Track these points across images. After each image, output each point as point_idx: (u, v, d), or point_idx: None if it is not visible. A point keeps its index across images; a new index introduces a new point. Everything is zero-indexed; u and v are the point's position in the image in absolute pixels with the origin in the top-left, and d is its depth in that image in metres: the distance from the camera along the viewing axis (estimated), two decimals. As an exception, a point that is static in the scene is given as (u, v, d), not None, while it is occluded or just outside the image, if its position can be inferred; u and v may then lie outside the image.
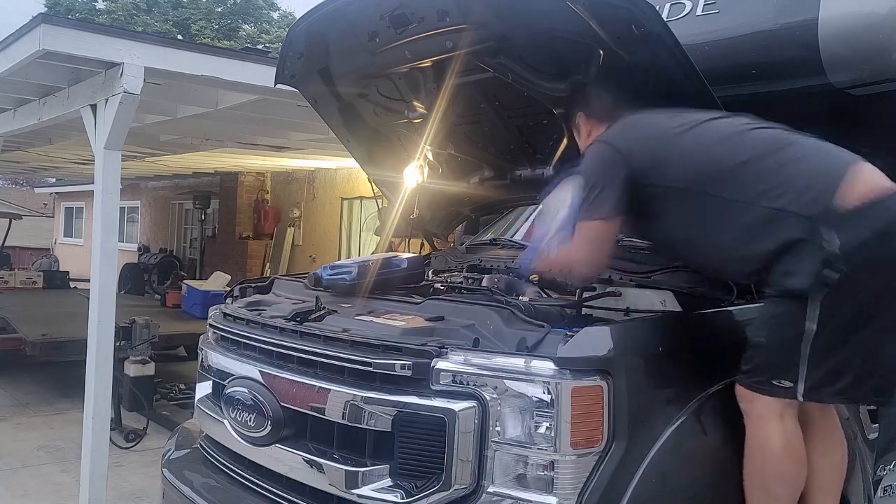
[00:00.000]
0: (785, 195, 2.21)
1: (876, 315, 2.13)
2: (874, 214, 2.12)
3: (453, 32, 2.88)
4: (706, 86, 2.58)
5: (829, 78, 2.80)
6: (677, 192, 2.38)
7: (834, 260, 2.08)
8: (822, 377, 2.14)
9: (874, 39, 2.67)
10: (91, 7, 29.96)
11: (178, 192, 17.18)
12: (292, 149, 9.35)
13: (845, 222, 2.11)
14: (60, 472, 5.53)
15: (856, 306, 2.11)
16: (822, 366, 2.13)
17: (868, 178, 2.20)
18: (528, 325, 2.21)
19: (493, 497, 2.13)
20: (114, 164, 4.63)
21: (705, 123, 2.44)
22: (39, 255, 19.01)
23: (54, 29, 4.48)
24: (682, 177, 2.37)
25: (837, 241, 2.08)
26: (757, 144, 2.35)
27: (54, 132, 8.22)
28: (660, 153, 2.42)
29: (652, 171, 2.39)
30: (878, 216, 2.12)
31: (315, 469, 2.41)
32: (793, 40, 2.81)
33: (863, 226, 2.10)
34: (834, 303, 2.10)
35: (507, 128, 3.46)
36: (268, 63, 5.07)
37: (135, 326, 6.54)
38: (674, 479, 2.19)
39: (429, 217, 4.10)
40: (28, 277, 11.77)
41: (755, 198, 2.25)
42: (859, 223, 2.11)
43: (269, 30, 29.93)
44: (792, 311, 2.15)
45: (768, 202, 2.23)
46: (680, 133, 2.43)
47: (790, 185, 2.22)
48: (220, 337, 3.03)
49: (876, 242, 2.09)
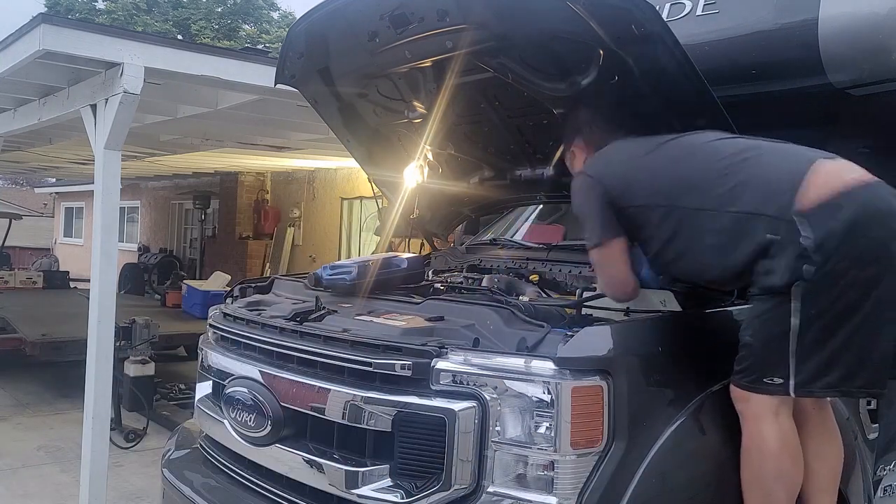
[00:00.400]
0: (752, 198, 2.24)
1: (862, 307, 2.13)
2: (844, 206, 2.13)
3: (453, 32, 2.88)
4: (706, 86, 2.58)
5: (829, 78, 2.79)
6: (651, 211, 2.42)
7: (809, 254, 2.10)
8: (811, 371, 2.15)
9: (874, 39, 2.66)
10: (91, 7, 29.97)
11: (178, 192, 17.18)
12: (292, 149, 9.35)
13: (815, 217, 2.13)
14: (60, 472, 5.53)
15: (840, 299, 2.12)
16: (811, 360, 2.14)
17: (834, 171, 2.23)
18: (528, 325, 2.22)
19: (493, 497, 2.13)
20: (114, 164, 4.63)
21: (671, 141, 2.50)
22: (39, 255, 19.00)
23: (54, 29, 4.48)
24: (652, 194, 2.42)
25: (811, 236, 2.11)
26: (719, 153, 2.39)
27: (54, 132, 8.22)
28: (628, 176, 2.49)
29: (625, 193, 2.46)
30: (848, 207, 2.13)
31: (315, 469, 2.41)
32: (793, 40, 2.81)
33: (834, 217, 2.12)
34: (816, 297, 2.12)
35: (507, 128, 3.46)
36: (268, 63, 5.07)
37: (135, 326, 6.54)
38: (674, 479, 2.19)
39: (429, 217, 4.10)
40: (28, 277, 11.77)
41: (723, 204, 2.28)
42: (830, 215, 2.12)
43: (269, 30, 29.94)
44: (776, 308, 2.17)
45: (737, 207, 2.26)
46: (645, 154, 2.51)
47: (756, 187, 2.25)
48: (220, 337, 3.03)
49: (849, 233, 2.11)
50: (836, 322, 2.14)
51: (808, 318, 2.12)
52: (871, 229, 2.13)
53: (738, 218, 2.25)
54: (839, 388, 2.21)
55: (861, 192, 2.17)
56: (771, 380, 2.17)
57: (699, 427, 2.26)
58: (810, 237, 2.10)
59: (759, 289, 2.21)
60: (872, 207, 2.15)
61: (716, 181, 2.32)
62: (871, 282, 2.13)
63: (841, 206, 2.13)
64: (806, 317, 2.12)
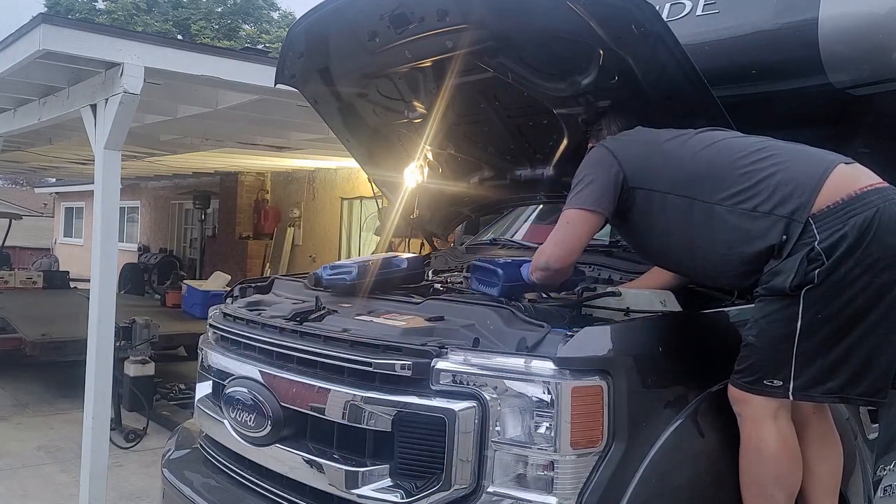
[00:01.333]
0: (768, 198, 2.23)
1: (871, 314, 2.12)
2: (853, 210, 2.13)
3: (453, 32, 2.88)
4: (706, 86, 2.58)
5: (829, 78, 2.79)
6: (666, 198, 2.41)
7: (821, 257, 2.09)
8: (812, 376, 2.14)
9: (874, 39, 2.66)
10: (91, 7, 29.98)
11: (178, 192, 17.18)
12: (292, 149, 9.35)
13: (829, 220, 2.12)
14: (60, 472, 5.53)
15: (849, 305, 2.11)
16: (813, 365, 2.14)
17: (849, 175, 2.22)
18: (528, 325, 2.21)
19: (493, 497, 2.13)
20: (114, 164, 4.63)
21: (695, 135, 2.48)
22: (39, 255, 18.99)
23: (54, 29, 4.48)
24: (669, 182, 2.41)
25: (824, 239, 2.10)
26: (741, 150, 2.37)
27: (54, 132, 8.22)
28: (647, 159, 2.48)
29: (639, 174, 2.44)
30: (857, 211, 2.12)
31: (315, 469, 2.41)
32: (793, 40, 2.81)
33: (842, 221, 2.12)
34: (822, 301, 2.11)
35: (507, 128, 3.46)
36: (268, 63, 5.07)
37: (135, 326, 6.54)
38: (673, 480, 2.19)
39: (429, 217, 4.10)
40: (28, 277, 11.76)
41: (739, 202, 2.27)
42: (838, 219, 2.12)
43: (269, 30, 29.93)
44: (783, 310, 2.16)
45: (752, 205, 2.25)
46: (665, 141, 2.49)
47: (772, 187, 2.24)
48: (220, 337, 3.03)
49: (862, 239, 2.10)
50: (842, 328, 2.13)
51: (815, 322, 2.11)
52: (886, 235, 2.12)
53: (754, 216, 2.24)
54: (840, 394, 2.20)
55: (875, 197, 2.15)
56: (771, 382, 2.17)
57: (699, 427, 2.26)
58: (823, 241, 2.10)
59: (767, 289, 2.20)
60: (887, 213, 2.13)
61: (736, 178, 2.30)
62: (883, 288, 2.11)
63: (854, 210, 2.12)
64: (812, 321, 2.11)
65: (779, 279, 2.16)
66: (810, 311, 2.11)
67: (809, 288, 2.11)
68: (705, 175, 2.37)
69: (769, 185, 2.24)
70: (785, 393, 2.16)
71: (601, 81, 2.79)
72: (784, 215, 2.19)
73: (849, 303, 2.11)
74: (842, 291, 2.11)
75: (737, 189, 2.28)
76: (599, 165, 2.48)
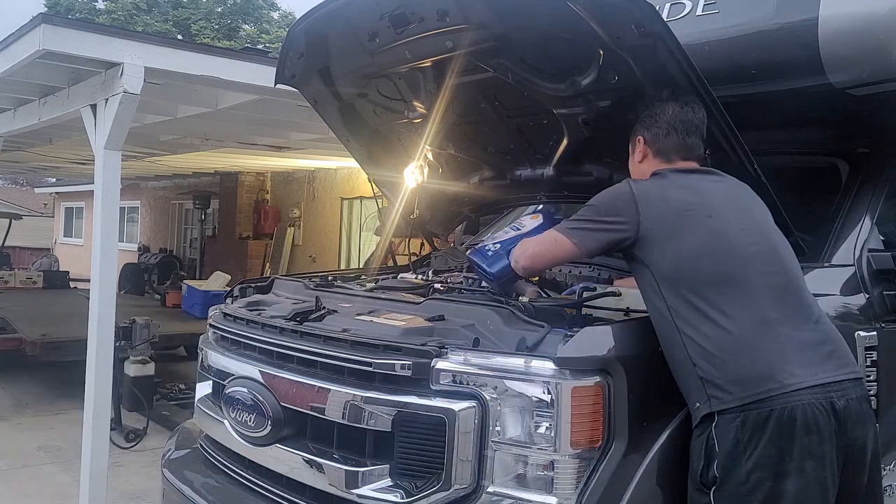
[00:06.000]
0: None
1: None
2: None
3: (453, 32, 2.87)
4: (706, 86, 2.57)
5: (829, 78, 2.79)
6: (657, 279, 2.28)
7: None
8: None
9: (874, 39, 2.66)
10: (91, 7, 30.00)
11: (178, 192, 17.19)
12: (292, 149, 9.35)
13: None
14: (60, 472, 5.53)
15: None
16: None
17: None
18: (528, 325, 2.22)
19: (493, 497, 2.13)
20: (114, 164, 4.63)
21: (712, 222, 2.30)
22: (39, 255, 19.01)
23: (54, 29, 4.48)
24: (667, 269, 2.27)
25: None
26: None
27: (54, 132, 8.22)
28: (664, 244, 2.28)
29: (649, 245, 2.30)
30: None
31: (315, 469, 2.41)
32: (793, 40, 2.81)
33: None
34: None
35: (507, 128, 3.46)
36: (268, 63, 5.07)
37: (135, 326, 6.54)
38: (674, 479, 2.19)
39: (429, 217, 4.10)
40: (28, 277, 11.78)
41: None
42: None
43: (269, 30, 29.94)
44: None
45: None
46: (689, 221, 2.30)
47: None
48: (220, 337, 3.03)
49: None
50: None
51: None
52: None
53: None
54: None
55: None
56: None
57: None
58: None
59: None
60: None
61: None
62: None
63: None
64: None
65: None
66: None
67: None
68: (696, 284, 2.22)
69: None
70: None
71: (601, 81, 2.78)
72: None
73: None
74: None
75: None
76: (616, 207, 2.34)
